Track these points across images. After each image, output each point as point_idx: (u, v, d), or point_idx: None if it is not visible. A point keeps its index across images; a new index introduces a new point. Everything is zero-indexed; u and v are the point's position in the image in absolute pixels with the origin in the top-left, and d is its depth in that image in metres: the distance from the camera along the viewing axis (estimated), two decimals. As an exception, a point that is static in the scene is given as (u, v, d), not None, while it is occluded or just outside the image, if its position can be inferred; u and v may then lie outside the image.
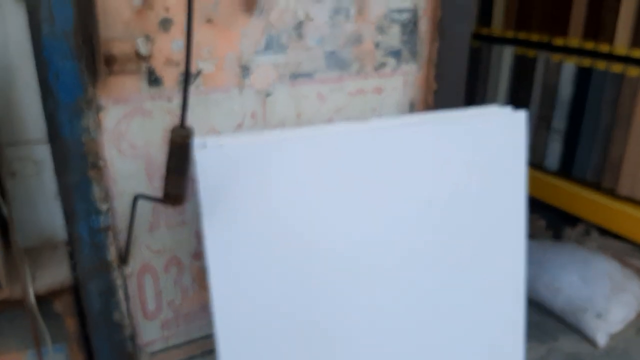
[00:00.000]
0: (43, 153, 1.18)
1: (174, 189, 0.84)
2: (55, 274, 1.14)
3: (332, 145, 1.03)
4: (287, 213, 1.00)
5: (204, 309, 1.16)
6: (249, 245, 0.99)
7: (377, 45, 1.12)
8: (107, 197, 0.96)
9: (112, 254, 0.99)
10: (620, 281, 2.53)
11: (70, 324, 1.17)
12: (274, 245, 1.00)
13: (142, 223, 1.02)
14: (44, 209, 1.22)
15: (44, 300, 1.12)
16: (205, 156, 0.91)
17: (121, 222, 1.00)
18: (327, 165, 1.03)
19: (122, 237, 1.01)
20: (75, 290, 1.16)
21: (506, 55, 3.11)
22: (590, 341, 2.43)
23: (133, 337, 1.08)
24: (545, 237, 3.20)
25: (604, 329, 2.40)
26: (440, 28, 1.15)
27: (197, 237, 1.08)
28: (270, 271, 1.01)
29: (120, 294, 1.03)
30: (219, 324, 1.00)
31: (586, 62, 2.69)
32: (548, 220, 3.22)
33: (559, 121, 2.97)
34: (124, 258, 1.01)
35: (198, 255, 1.10)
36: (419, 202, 1.11)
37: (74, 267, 0.99)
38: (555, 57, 2.84)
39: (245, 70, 1.01)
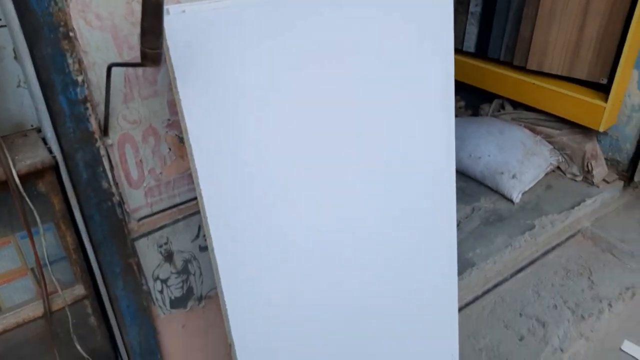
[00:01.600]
0: (1, 38, 1.17)
1: (151, 49, 0.90)
2: (33, 155, 1.18)
3: (286, 12, 1.12)
4: (252, 76, 1.10)
5: (183, 177, 1.26)
6: (222, 109, 1.08)
7: None
8: (80, 68, 1.00)
9: (93, 125, 1.05)
10: (531, 146, 2.89)
11: (56, 201, 1.24)
12: (242, 106, 1.11)
13: (117, 95, 1.08)
14: (9, 97, 1.23)
15: (26, 181, 1.17)
16: (170, 22, 0.97)
17: (97, 94, 1.05)
18: (281, 31, 1.12)
19: (100, 109, 1.06)
20: (57, 169, 1.22)
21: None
22: (507, 199, 2.81)
23: (121, 205, 1.18)
24: (465, 115, 3.50)
25: (518, 187, 2.77)
26: None
27: (170, 107, 1.16)
28: (245, 131, 1.12)
29: (105, 163, 1.10)
30: (203, 186, 1.10)
31: (500, -59, 2.83)
32: (467, 101, 3.51)
33: (476, 4, 3.15)
34: (104, 129, 1.08)
35: (172, 125, 1.18)
36: (361, 69, 1.25)
37: (58, 141, 1.05)
38: (472, -60, 2.96)
39: (199, -64, 1.05)
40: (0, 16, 1.19)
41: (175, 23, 0.97)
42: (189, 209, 1.31)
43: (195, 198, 1.30)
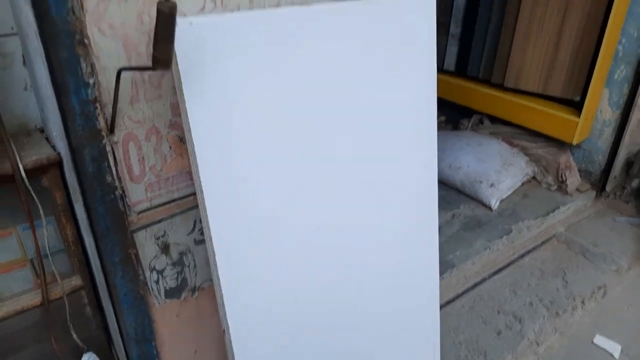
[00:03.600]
0: (10, 46, 1.29)
1: (163, 54, 1.01)
2: (38, 152, 1.29)
3: (277, 24, 1.24)
4: (255, 83, 1.22)
5: (181, 174, 1.36)
6: (222, 110, 1.20)
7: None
8: (92, 72, 1.11)
9: (100, 124, 1.16)
10: (508, 158, 3.05)
11: (58, 196, 1.34)
12: (240, 109, 1.22)
13: (124, 96, 1.18)
14: (15, 99, 1.34)
15: (31, 176, 1.27)
16: (178, 32, 1.09)
17: (106, 95, 1.16)
18: (278, 41, 1.24)
19: (108, 109, 1.17)
20: (60, 165, 1.33)
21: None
22: (486, 206, 2.95)
23: (123, 198, 1.28)
24: (445, 129, 3.66)
25: (496, 195, 2.91)
26: None
27: (172, 108, 1.26)
28: (244, 132, 1.24)
29: (110, 159, 1.21)
30: (203, 179, 1.21)
31: (478, -34, 3.01)
32: (447, 116, 3.67)
33: (455, 27, 3.32)
34: (110, 127, 1.18)
35: (174, 125, 1.29)
36: (350, 73, 1.38)
37: (68, 137, 1.15)
38: (452, -36, 3.14)
39: (203, -43, 1.17)
40: (12, 25, 1.31)
41: (183, 33, 1.09)
42: (186, 204, 1.41)
43: (192, 194, 1.40)
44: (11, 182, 1.23)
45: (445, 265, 2.51)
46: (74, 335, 1.54)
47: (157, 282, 1.47)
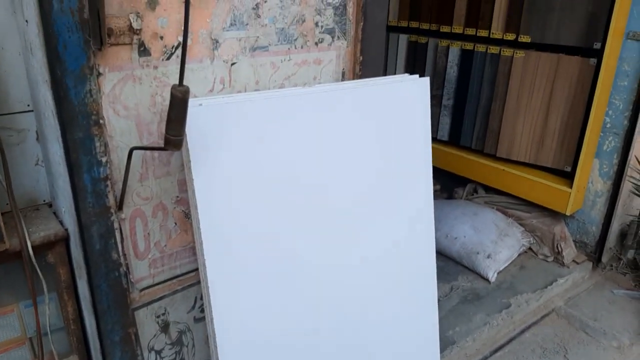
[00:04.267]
0: (25, 122, 1.31)
1: (174, 136, 1.04)
2: (46, 228, 1.28)
3: (285, 104, 1.29)
4: (258, 159, 1.24)
5: (185, 249, 1.36)
6: (230, 187, 1.21)
7: (316, 24, 1.39)
8: (105, 150, 1.13)
9: (110, 201, 1.17)
10: (504, 228, 3.06)
11: (63, 272, 1.32)
12: (248, 184, 1.24)
13: (134, 174, 1.20)
14: (26, 174, 1.35)
15: (38, 252, 1.25)
16: (189, 113, 1.12)
17: (116, 173, 1.17)
18: (282, 120, 1.29)
19: (117, 187, 1.18)
20: (66, 242, 1.31)
21: (402, 42, 3.54)
22: (484, 278, 2.93)
23: (127, 275, 1.26)
24: (440, 198, 3.69)
25: (493, 267, 2.90)
26: (364, 12, 1.45)
27: (179, 185, 1.28)
28: (246, 207, 1.25)
29: (117, 236, 1.20)
30: (207, 257, 1.21)
31: (469, 45, 3.17)
32: (442, 184, 3.72)
33: (448, 98, 3.45)
34: (119, 204, 1.19)
35: (180, 201, 1.30)
36: (350, 145, 1.42)
37: (77, 214, 1.15)
38: (443, 42, 3.31)
39: (215, 43, 1.23)
40: (28, 102, 1.34)
41: (193, 114, 1.12)
42: (188, 280, 1.39)
43: (194, 270, 1.39)
44: (18, 258, 1.21)
45: (444, 342, 2.44)
46: (66, 422, 1.45)
47: (154, 362, 1.42)
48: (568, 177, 2.93)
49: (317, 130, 1.34)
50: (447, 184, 3.68)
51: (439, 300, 2.79)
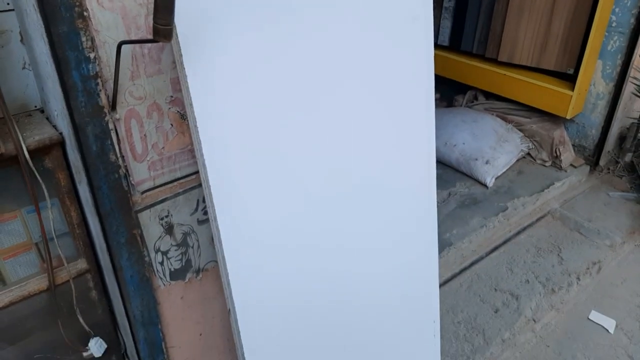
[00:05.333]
0: (6, 23, 1.24)
1: (163, 25, 0.98)
2: (40, 132, 1.25)
3: None
4: (258, 52, 1.19)
5: (183, 152, 1.34)
6: (223, 82, 1.17)
7: None
8: (92, 46, 1.08)
9: (102, 100, 1.13)
10: (503, 134, 3.05)
11: (62, 177, 1.31)
12: (246, 79, 1.20)
13: (125, 72, 1.15)
14: (14, 79, 1.30)
15: (34, 156, 1.24)
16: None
17: (106, 71, 1.13)
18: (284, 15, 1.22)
19: (109, 86, 1.14)
20: (62, 146, 1.29)
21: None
22: (481, 183, 2.96)
23: (127, 177, 1.26)
24: (440, 107, 3.65)
25: (491, 172, 2.92)
26: None
27: (172, 84, 1.24)
28: (245, 105, 1.21)
29: (113, 137, 1.18)
30: (207, 159, 1.19)
31: (472, -61, 2.98)
32: (442, 93, 3.66)
33: (449, 0, 3.29)
34: (112, 104, 1.15)
35: (174, 101, 1.26)
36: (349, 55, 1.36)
37: (70, 115, 1.12)
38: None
39: None
40: (7, 1, 1.26)
41: (183, 1, 1.06)
42: (189, 183, 1.39)
43: (195, 173, 1.38)
44: (15, 163, 1.20)
45: (442, 244, 2.52)
46: (81, 321, 1.52)
47: (161, 263, 1.45)
48: (570, 79, 2.88)
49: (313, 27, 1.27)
50: (447, 92, 3.61)
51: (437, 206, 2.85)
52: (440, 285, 2.38)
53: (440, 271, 1.94)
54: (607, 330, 2.23)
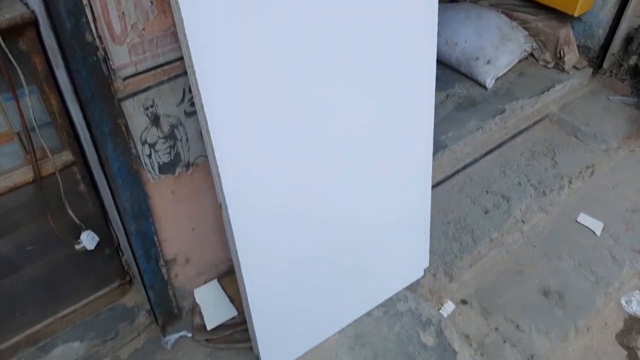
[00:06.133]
0: None
1: None
2: (10, 11, 1.15)
3: None
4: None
5: (166, 35, 1.24)
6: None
7: None
8: None
9: (73, -29, 1.02)
10: (507, 32, 2.90)
11: (38, 61, 1.23)
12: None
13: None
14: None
15: (6, 38, 1.14)
16: None
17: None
18: None
19: (79, -47, 1.02)
20: (36, 27, 1.19)
21: None
22: (481, 85, 2.87)
23: (106, 61, 1.17)
24: (444, 2, 3.44)
25: (492, 73, 2.82)
26: None
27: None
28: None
29: (88, 14, 1.08)
30: (191, 41, 1.10)
31: None
32: (446, -12, 3.43)
33: None
34: (84, -24, 1.04)
35: (154, -24, 1.14)
36: None
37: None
38: None
39: None
40: None
41: None
42: (173, 70, 1.30)
43: (179, 59, 1.29)
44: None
45: (437, 146, 2.47)
46: (71, 213, 1.50)
47: (149, 156, 1.41)
48: (582, -27, 2.69)
49: None
50: (450, -12, 3.39)
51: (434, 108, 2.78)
52: (433, 187, 2.37)
53: (433, 173, 1.92)
54: (594, 233, 2.27)
